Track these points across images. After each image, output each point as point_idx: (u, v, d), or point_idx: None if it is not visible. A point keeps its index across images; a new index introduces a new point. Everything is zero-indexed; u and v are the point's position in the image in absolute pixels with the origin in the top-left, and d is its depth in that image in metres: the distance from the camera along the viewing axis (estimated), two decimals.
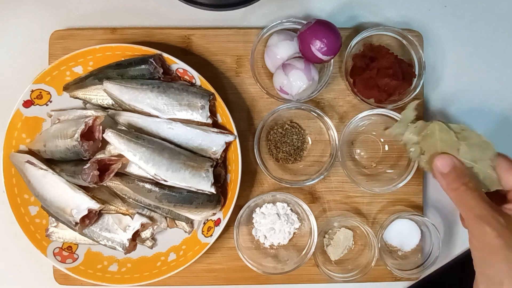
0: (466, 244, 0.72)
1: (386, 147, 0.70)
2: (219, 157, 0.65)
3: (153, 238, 0.68)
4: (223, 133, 0.64)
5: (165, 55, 0.64)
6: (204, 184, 0.63)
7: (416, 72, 0.68)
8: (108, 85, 0.65)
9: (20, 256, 0.70)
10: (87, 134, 0.62)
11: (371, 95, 0.67)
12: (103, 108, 0.67)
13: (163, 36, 0.70)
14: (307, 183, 0.67)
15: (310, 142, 0.70)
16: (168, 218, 0.67)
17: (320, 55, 0.62)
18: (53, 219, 0.65)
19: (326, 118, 0.67)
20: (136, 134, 0.63)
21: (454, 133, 0.55)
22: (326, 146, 0.70)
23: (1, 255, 0.71)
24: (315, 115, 0.68)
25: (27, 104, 0.65)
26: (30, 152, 0.66)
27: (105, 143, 0.64)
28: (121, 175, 0.64)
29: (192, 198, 0.63)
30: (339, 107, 0.70)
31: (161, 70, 0.64)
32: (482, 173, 0.56)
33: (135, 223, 0.64)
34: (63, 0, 0.71)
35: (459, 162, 0.54)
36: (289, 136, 0.69)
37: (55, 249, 0.65)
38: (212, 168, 0.63)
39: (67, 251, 0.66)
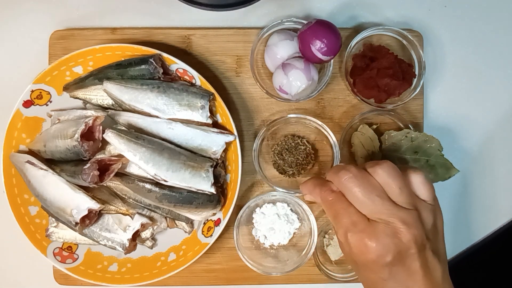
0: (466, 243, 0.72)
1: None
2: (219, 157, 0.65)
3: (153, 238, 0.68)
4: (223, 133, 0.64)
5: (165, 55, 0.64)
6: (204, 184, 0.63)
7: (416, 72, 0.68)
8: (108, 85, 0.65)
9: (20, 256, 0.70)
10: (87, 134, 0.62)
11: (371, 95, 0.67)
12: (103, 108, 0.67)
13: (163, 36, 0.70)
14: None
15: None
16: (168, 218, 0.67)
17: (320, 55, 0.62)
18: (53, 219, 0.65)
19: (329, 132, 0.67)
20: (136, 134, 0.63)
21: (405, 137, 0.65)
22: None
23: (1, 255, 0.71)
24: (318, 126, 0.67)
25: (27, 104, 0.65)
26: (30, 152, 0.66)
27: (105, 143, 0.64)
28: (121, 175, 0.64)
29: (192, 198, 0.63)
30: (339, 107, 0.70)
31: (161, 70, 0.64)
32: (437, 163, 0.65)
33: (135, 223, 0.64)
34: (63, 0, 0.71)
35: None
36: (294, 150, 0.68)
37: (55, 249, 0.65)
38: (212, 168, 0.63)
39: (67, 251, 0.66)
